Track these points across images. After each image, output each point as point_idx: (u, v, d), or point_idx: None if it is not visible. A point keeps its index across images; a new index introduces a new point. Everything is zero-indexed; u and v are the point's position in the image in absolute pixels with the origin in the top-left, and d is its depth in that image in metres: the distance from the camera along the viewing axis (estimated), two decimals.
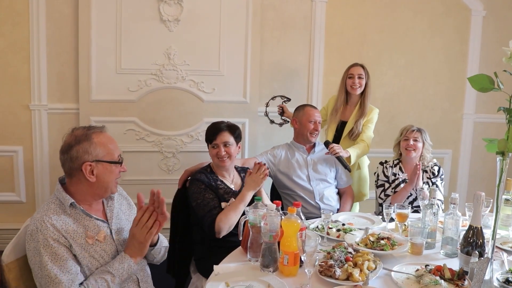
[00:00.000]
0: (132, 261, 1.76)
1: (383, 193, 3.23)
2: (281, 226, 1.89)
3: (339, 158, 3.10)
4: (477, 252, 1.82)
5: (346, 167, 3.12)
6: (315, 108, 3.27)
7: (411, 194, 3.12)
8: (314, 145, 3.25)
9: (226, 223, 2.39)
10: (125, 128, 3.92)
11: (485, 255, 1.85)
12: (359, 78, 3.42)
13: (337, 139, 3.48)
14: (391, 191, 3.19)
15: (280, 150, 3.21)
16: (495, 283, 1.65)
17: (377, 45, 4.39)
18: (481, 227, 1.91)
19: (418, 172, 3.00)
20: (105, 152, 1.81)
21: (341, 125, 3.50)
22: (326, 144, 3.16)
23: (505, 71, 1.65)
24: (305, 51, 4.26)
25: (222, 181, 2.63)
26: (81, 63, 3.80)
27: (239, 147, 2.73)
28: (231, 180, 2.72)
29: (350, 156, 3.18)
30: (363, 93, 3.46)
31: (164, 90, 3.94)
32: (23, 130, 3.88)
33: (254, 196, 2.34)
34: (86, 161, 1.77)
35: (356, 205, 3.64)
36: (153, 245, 1.98)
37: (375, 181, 3.32)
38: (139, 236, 1.76)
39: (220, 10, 3.91)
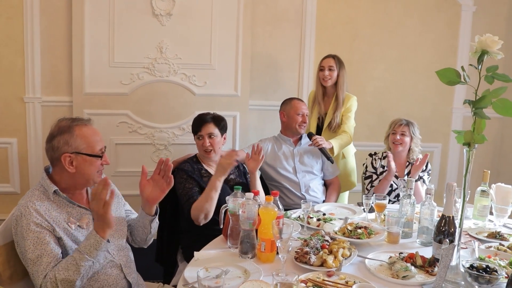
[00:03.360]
0: (98, 236, 1.73)
1: (370, 185, 3.29)
2: (258, 214, 1.96)
3: (322, 150, 3.15)
4: (447, 240, 1.88)
5: (328, 158, 3.17)
6: (302, 101, 3.33)
7: (397, 187, 3.19)
8: (300, 138, 3.31)
9: (199, 210, 2.46)
10: (118, 121, 3.98)
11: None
12: (330, 70, 3.41)
13: (319, 131, 3.52)
14: (378, 183, 3.25)
15: (267, 143, 3.27)
16: (461, 269, 1.71)
17: (368, 39, 4.44)
18: (453, 217, 1.97)
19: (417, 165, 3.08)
20: (85, 144, 1.86)
21: (322, 118, 3.54)
22: (309, 135, 3.22)
23: (471, 65, 1.70)
24: (296, 45, 4.31)
25: (206, 170, 2.70)
26: (74, 56, 3.85)
27: (224, 138, 2.79)
28: None
29: (332, 147, 3.23)
30: (336, 85, 3.46)
31: (156, 84, 4.00)
32: (18, 122, 3.95)
33: (234, 185, 2.40)
34: (66, 152, 1.83)
35: (345, 195, 3.69)
36: (153, 214, 2.06)
37: (363, 173, 3.38)
38: (97, 209, 1.72)
39: (211, 4, 3.96)
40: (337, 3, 4.35)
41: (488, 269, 1.61)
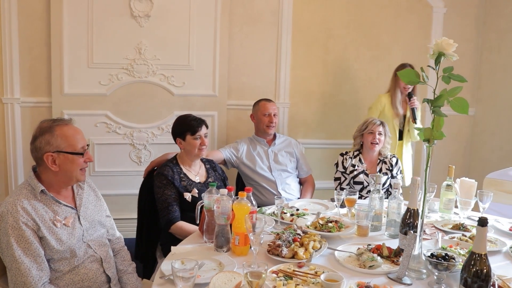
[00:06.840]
0: None
1: (339, 187, 3.38)
2: (232, 210, 2.04)
3: (413, 110, 3.64)
4: (412, 232, 1.99)
5: (415, 118, 3.64)
6: (270, 101, 3.42)
7: (368, 184, 3.29)
8: (274, 138, 3.41)
9: (180, 234, 2.57)
10: (97, 121, 4.02)
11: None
12: None
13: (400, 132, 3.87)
14: (346, 185, 3.34)
15: (242, 144, 3.37)
16: (423, 258, 1.82)
17: (343, 40, 4.54)
18: (417, 209, 2.07)
19: None
20: (66, 143, 1.93)
21: (402, 121, 3.88)
22: (409, 95, 3.71)
23: (429, 66, 1.81)
24: (272, 45, 4.38)
25: (185, 174, 2.77)
26: (53, 57, 3.87)
27: None
28: (197, 171, 2.86)
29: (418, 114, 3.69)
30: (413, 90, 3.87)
31: (135, 84, 4.04)
32: None
33: (208, 182, 2.48)
34: (48, 151, 1.90)
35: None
36: None
37: (335, 173, 3.47)
38: None
39: (189, 5, 4.02)
40: (312, 4, 4.44)
41: (446, 257, 1.72)
